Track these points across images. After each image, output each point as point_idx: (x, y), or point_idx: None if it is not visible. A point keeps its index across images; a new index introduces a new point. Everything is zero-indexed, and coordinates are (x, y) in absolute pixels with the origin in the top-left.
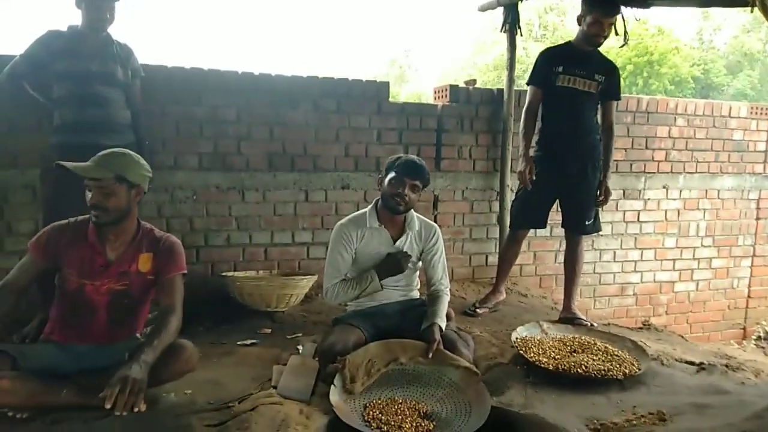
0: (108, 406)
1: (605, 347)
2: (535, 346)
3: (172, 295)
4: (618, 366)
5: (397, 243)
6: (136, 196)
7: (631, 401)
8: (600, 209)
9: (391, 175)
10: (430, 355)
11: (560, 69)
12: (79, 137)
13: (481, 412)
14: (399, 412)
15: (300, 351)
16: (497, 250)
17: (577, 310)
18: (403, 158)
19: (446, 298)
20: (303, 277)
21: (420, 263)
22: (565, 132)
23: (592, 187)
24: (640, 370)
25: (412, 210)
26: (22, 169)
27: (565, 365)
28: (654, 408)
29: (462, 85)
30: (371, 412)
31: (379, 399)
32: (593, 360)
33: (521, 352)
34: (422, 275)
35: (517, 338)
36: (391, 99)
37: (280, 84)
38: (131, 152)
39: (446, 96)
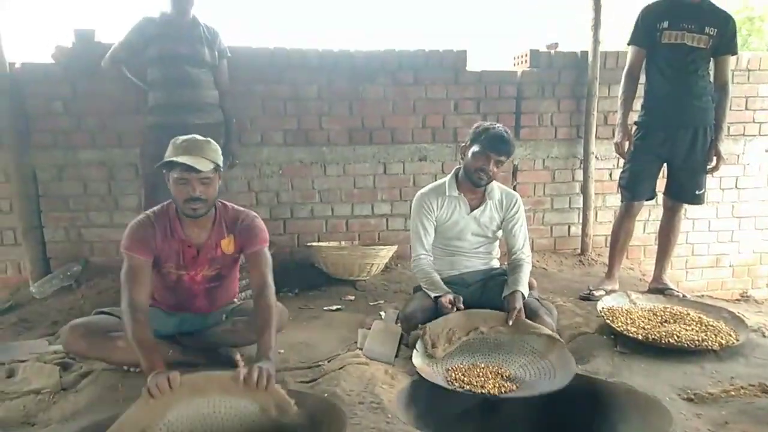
0: (237, 384)
1: (699, 317)
2: (622, 316)
3: (261, 269)
4: (714, 336)
5: (475, 212)
6: (218, 181)
7: (729, 372)
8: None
9: (476, 148)
10: (510, 322)
11: (665, 24)
12: (170, 117)
13: (567, 372)
14: (481, 374)
15: (383, 317)
16: (580, 221)
17: (668, 280)
18: (491, 131)
19: (528, 267)
20: (383, 247)
21: (500, 232)
22: (674, 95)
23: (703, 154)
24: (738, 341)
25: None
26: (125, 149)
27: (655, 335)
28: (755, 380)
29: (544, 49)
30: (454, 374)
31: (461, 364)
32: (686, 330)
33: (608, 321)
34: (503, 246)
35: (603, 308)
36: (468, 68)
37: (358, 59)
38: (210, 139)
39: (526, 61)
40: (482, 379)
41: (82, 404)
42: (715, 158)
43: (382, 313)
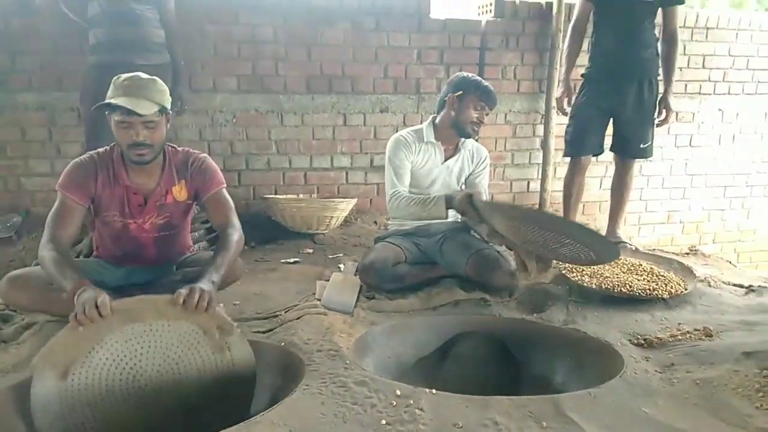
0: (179, 303)
1: (651, 268)
2: (576, 269)
3: (222, 211)
4: (664, 286)
5: (448, 161)
6: (166, 125)
7: (677, 319)
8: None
9: (471, 99)
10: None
11: None
12: (114, 56)
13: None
14: None
15: (341, 269)
16: (539, 176)
17: (621, 234)
18: (482, 83)
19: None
20: (343, 199)
21: (464, 185)
22: (620, 47)
23: (648, 107)
24: (686, 290)
25: None
26: (66, 92)
27: (608, 284)
28: (700, 325)
29: None
30: None
31: None
32: (638, 280)
33: (563, 272)
34: None
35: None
36: (432, 15)
37: (316, 0)
38: (156, 77)
39: (491, 11)
40: None
41: (24, 356)
42: (664, 111)
43: (341, 266)
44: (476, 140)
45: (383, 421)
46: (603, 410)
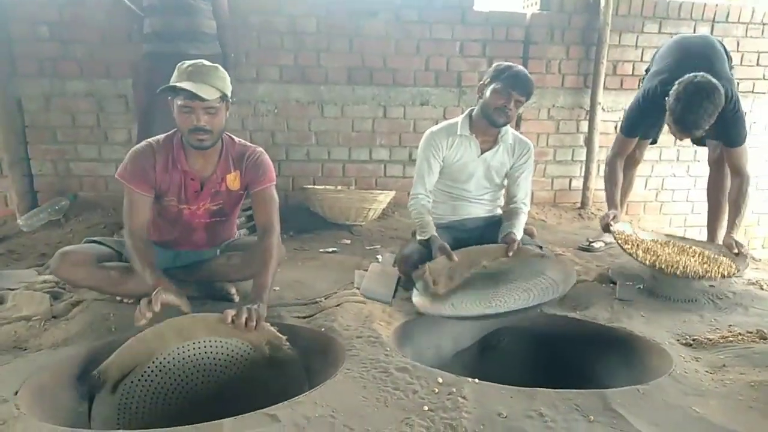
0: (227, 322)
1: (701, 251)
2: (632, 243)
3: (267, 209)
4: (717, 268)
5: (486, 154)
6: (226, 112)
7: (727, 321)
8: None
9: (497, 85)
10: (511, 253)
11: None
12: (166, 45)
13: (567, 282)
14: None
15: (379, 260)
16: (582, 174)
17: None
18: (513, 69)
19: (524, 218)
20: (381, 191)
21: (506, 179)
22: None
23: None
24: (739, 271)
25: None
26: (114, 80)
27: (662, 264)
28: (753, 328)
29: None
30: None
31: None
32: (691, 261)
33: (619, 243)
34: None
35: (616, 231)
36: (475, 8)
37: None
38: (218, 65)
39: (536, 4)
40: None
41: (73, 332)
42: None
43: (379, 257)
44: (500, 125)
45: (425, 407)
46: (652, 407)
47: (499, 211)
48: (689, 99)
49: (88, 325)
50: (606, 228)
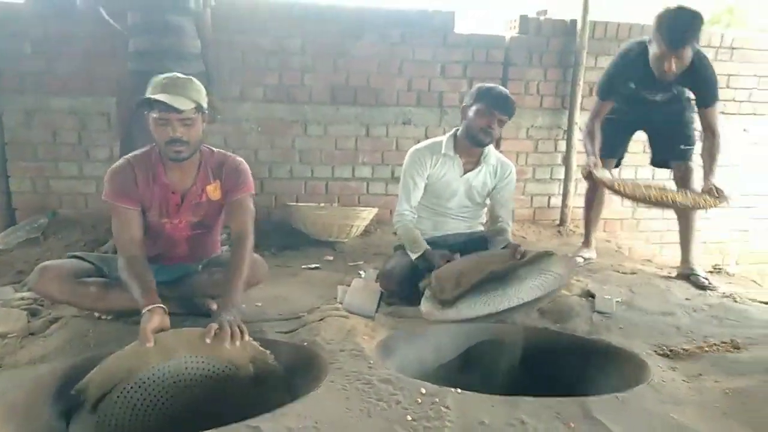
0: (207, 341)
1: (683, 192)
2: (617, 184)
3: (242, 217)
4: (702, 201)
5: (468, 175)
6: (203, 124)
7: (703, 332)
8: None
9: (480, 106)
10: (518, 256)
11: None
12: (151, 65)
13: (570, 271)
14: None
15: (362, 275)
16: (560, 192)
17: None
18: (495, 89)
19: (509, 235)
20: (364, 208)
21: (488, 200)
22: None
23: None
24: (723, 202)
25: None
26: (98, 97)
27: (652, 198)
28: (727, 338)
29: (534, 15)
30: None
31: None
32: (676, 197)
33: (606, 185)
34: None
35: (599, 177)
36: (456, 30)
37: (344, 14)
38: (193, 77)
39: (515, 27)
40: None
41: (51, 348)
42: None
43: (362, 272)
44: (485, 145)
45: (409, 417)
46: (631, 414)
47: (481, 228)
48: (676, 13)
49: (66, 342)
50: (588, 175)
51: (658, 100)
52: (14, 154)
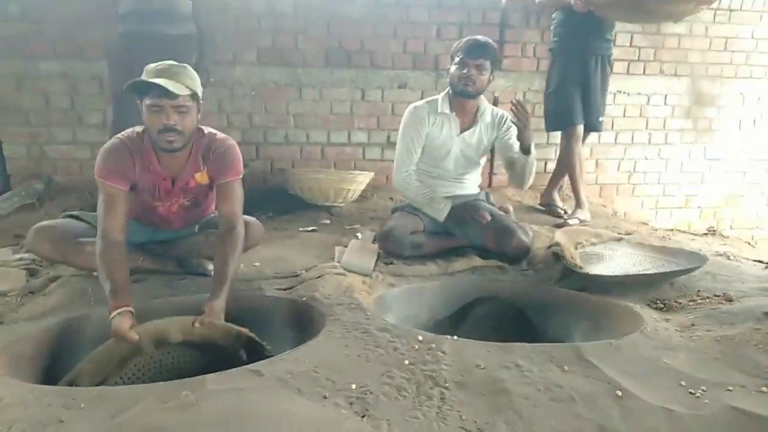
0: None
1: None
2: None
3: (230, 202)
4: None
5: (464, 134)
6: (197, 114)
7: (696, 287)
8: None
9: (456, 59)
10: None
11: None
12: (143, 25)
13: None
14: None
15: (359, 237)
16: (557, 157)
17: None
18: (468, 39)
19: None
20: (360, 172)
21: (484, 159)
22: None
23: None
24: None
25: (485, 100)
26: (89, 61)
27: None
28: (720, 291)
29: None
30: None
31: None
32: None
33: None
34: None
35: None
36: None
37: None
38: (187, 65)
39: None
40: None
41: (51, 305)
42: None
43: (359, 234)
44: (471, 94)
45: (406, 361)
46: (623, 358)
47: (477, 189)
48: None
49: (66, 299)
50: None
51: None
52: (6, 120)
